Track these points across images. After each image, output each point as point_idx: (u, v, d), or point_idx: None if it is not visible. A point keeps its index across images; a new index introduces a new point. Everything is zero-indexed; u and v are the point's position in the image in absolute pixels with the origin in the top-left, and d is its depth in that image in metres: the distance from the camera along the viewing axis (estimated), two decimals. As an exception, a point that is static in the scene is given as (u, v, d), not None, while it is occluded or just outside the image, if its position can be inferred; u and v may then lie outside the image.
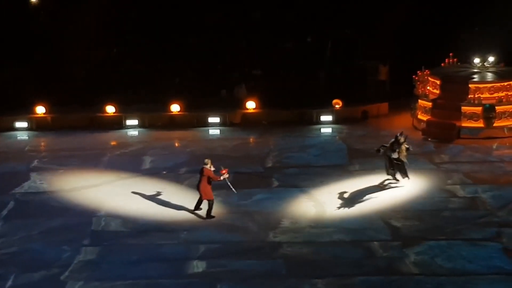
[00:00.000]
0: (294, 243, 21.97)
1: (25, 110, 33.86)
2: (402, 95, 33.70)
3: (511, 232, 22.25)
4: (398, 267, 20.55)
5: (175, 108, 33.99)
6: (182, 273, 20.47)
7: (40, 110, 33.93)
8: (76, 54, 36.69)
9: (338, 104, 33.89)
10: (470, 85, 31.36)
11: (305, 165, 28.30)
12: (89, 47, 37.30)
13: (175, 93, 34.49)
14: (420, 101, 32.35)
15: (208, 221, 23.40)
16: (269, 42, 37.82)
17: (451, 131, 30.94)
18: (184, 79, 36.42)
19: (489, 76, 32.11)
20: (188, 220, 23.53)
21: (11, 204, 25.13)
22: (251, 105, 34.04)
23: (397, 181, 25.94)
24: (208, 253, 21.44)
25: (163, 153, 30.02)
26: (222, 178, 23.68)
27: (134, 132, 33.16)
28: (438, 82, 32.40)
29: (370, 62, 36.42)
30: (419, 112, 32.35)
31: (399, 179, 25.88)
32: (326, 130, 32.91)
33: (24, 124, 33.47)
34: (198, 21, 38.33)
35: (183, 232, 22.73)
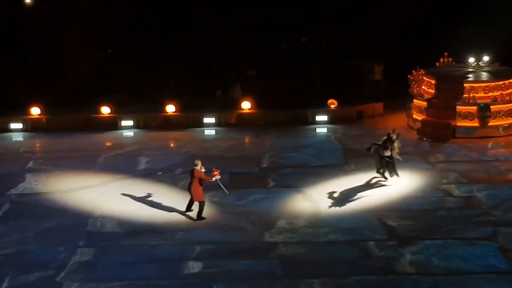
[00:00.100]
0: (290, 243, 21.97)
1: (20, 111, 33.80)
2: (397, 95, 33.71)
3: (507, 231, 22.28)
4: (394, 267, 20.56)
5: (171, 109, 33.97)
6: (178, 274, 20.45)
7: (35, 111, 33.88)
8: (71, 55, 36.64)
9: (333, 104, 33.91)
10: (465, 85, 31.42)
11: (301, 165, 28.30)
12: (84, 48, 37.27)
13: (170, 94, 34.47)
14: (415, 101, 32.38)
15: (204, 222, 23.37)
16: (265, 43, 37.84)
17: (446, 131, 30.97)
18: (179, 80, 36.40)
19: (484, 76, 32.18)
20: (184, 221, 23.51)
21: (7, 206, 25.09)
22: (247, 106, 34.04)
23: (386, 179, 25.98)
24: (204, 254, 21.43)
25: (159, 154, 30.00)
26: (214, 179, 23.59)
27: (130, 133, 33.13)
28: (433, 82, 32.45)
29: (365, 62, 36.46)
30: (414, 112, 32.39)
31: (388, 177, 25.92)
32: (322, 130, 32.91)
33: (19, 125, 33.42)
34: (193, 22, 38.33)
35: (179, 233, 22.72)
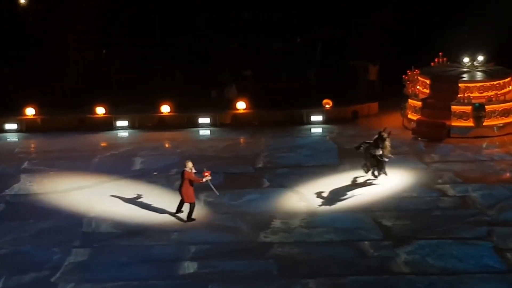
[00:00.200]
0: (285, 243, 21.97)
1: (15, 112, 33.74)
2: (392, 95, 33.75)
3: (502, 231, 22.31)
4: (389, 267, 20.57)
5: (165, 109, 33.94)
6: (173, 274, 20.44)
7: (30, 112, 33.82)
8: (66, 56, 36.62)
9: (328, 104, 33.91)
10: (460, 85, 31.45)
11: (296, 165, 28.30)
12: (79, 49, 37.23)
13: (165, 94, 34.43)
14: (410, 101, 32.40)
15: (199, 222, 23.36)
16: (259, 43, 37.85)
17: (441, 131, 30.99)
18: (174, 80, 36.36)
19: (479, 75, 32.21)
20: (179, 221, 23.48)
21: (1, 206, 25.06)
22: (242, 106, 34.02)
23: (376, 177, 26.03)
24: (199, 254, 21.42)
25: (154, 154, 29.97)
26: (205, 180, 23.53)
27: (124, 133, 33.09)
28: (428, 82, 32.47)
29: (360, 62, 36.45)
30: (409, 112, 32.40)
31: (377, 175, 25.99)
32: (317, 130, 32.91)
33: (14, 126, 33.36)
34: (188, 22, 38.31)
35: (174, 233, 22.70)
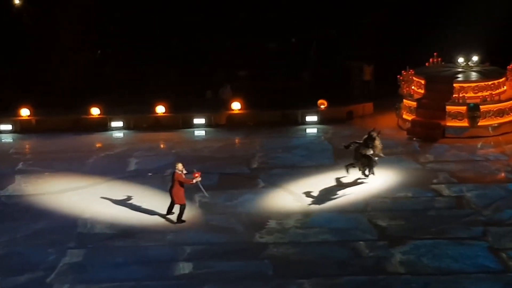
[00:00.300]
0: (280, 244, 21.96)
1: (9, 113, 33.68)
2: (387, 95, 33.76)
3: (497, 231, 22.34)
4: (385, 267, 20.58)
5: (160, 110, 33.90)
6: (169, 275, 20.42)
7: (25, 113, 33.75)
8: (61, 56, 36.57)
9: (323, 105, 33.91)
10: (455, 85, 31.47)
11: (291, 166, 28.29)
12: (74, 49, 37.19)
13: (160, 94, 34.40)
14: (405, 101, 32.42)
15: (194, 223, 23.35)
16: (254, 43, 37.83)
17: (436, 131, 31.01)
18: (169, 81, 36.34)
19: (473, 76, 32.24)
20: (174, 222, 23.46)
21: (-4, 207, 25.06)
22: (237, 106, 34.00)
23: (366, 177, 26.09)
24: (194, 255, 21.41)
25: (149, 155, 29.94)
26: (195, 181, 23.48)
27: (119, 134, 33.05)
28: (423, 82, 32.49)
29: (355, 62, 36.47)
30: (404, 112, 32.42)
31: (367, 174, 26.09)
32: (312, 131, 32.90)
33: (9, 127, 33.29)
34: (183, 22, 38.29)
35: (169, 234, 22.68)
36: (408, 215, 23.62)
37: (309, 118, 33.47)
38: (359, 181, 26.13)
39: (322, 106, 33.90)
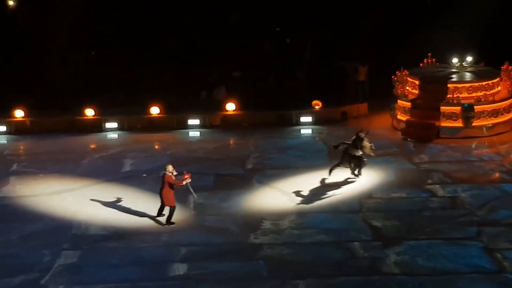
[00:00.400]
0: (275, 245, 21.96)
1: (4, 114, 33.67)
2: (382, 96, 33.80)
3: (491, 231, 22.35)
4: (379, 267, 20.59)
5: (155, 111, 33.89)
6: (164, 276, 20.41)
7: (19, 114, 33.73)
8: (55, 57, 36.53)
9: (318, 105, 33.92)
10: (449, 85, 31.52)
11: (286, 167, 28.28)
12: (68, 50, 37.15)
13: (155, 95, 34.38)
14: (399, 102, 32.46)
15: (189, 224, 23.35)
16: (249, 44, 37.83)
17: (431, 131, 31.04)
18: (164, 81, 36.33)
19: (468, 76, 32.29)
20: (163, 224, 23.40)
21: (-10, 209, 25.02)
22: (231, 107, 34.00)
23: (356, 176, 26.17)
24: (189, 256, 21.39)
25: (143, 156, 29.92)
26: (185, 183, 23.43)
27: (114, 135, 33.03)
28: (417, 82, 32.54)
29: (349, 63, 36.49)
30: (399, 113, 32.45)
31: (357, 174, 26.24)
32: (306, 131, 32.92)
33: (3, 128, 33.26)
34: (178, 23, 38.28)
35: (164, 235, 22.66)
36: (403, 216, 23.64)
37: (304, 119, 33.48)
38: (354, 182, 26.15)
39: (317, 107, 33.92)
